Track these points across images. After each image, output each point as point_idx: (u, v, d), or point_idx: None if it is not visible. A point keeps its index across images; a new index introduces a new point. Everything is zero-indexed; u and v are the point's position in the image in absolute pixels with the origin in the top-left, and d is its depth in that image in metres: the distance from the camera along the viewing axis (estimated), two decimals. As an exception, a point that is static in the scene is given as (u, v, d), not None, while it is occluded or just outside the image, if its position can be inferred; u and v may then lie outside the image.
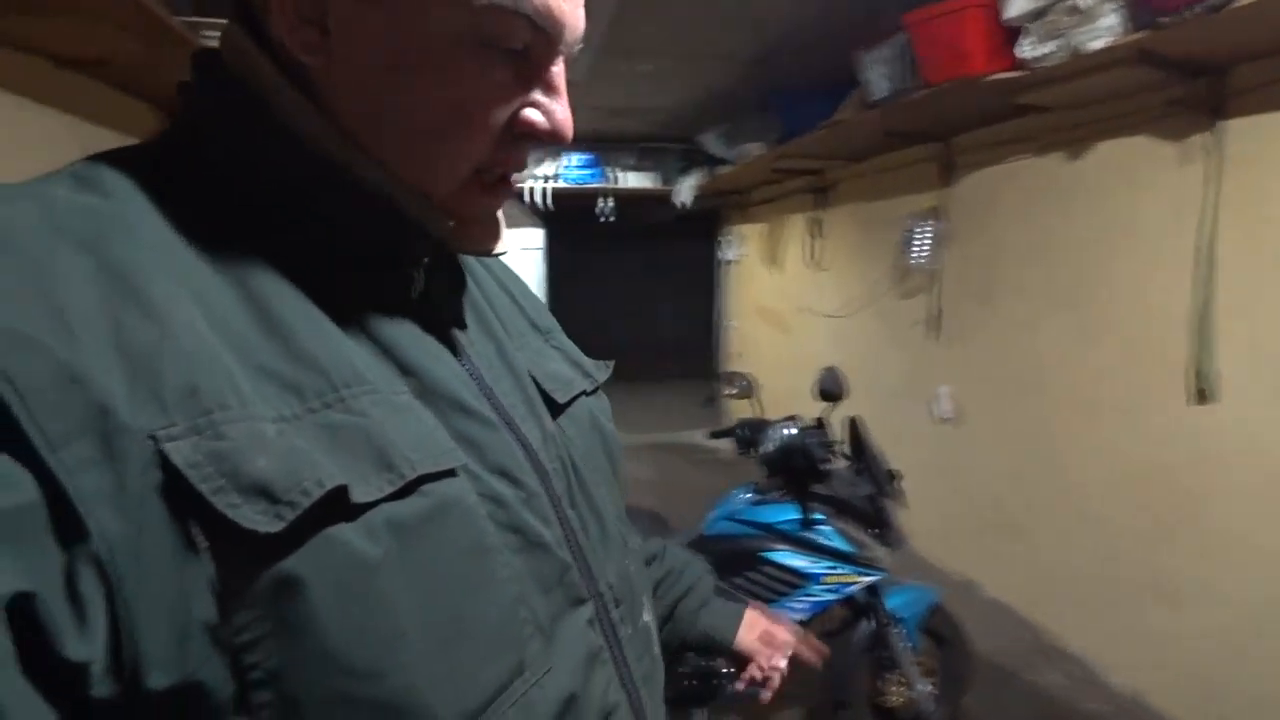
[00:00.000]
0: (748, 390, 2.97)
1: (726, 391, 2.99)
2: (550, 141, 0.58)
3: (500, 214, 0.64)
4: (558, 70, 0.57)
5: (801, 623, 2.29)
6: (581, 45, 0.58)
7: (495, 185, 0.60)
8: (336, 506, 0.44)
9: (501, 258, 0.71)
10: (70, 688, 0.37)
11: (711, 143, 5.25)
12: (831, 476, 2.39)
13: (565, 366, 0.75)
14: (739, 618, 1.04)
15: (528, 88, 0.56)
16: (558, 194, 6.36)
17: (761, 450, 2.51)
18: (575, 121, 0.60)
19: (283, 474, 0.43)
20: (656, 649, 0.73)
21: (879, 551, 2.37)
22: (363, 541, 0.45)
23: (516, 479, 0.58)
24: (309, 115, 0.53)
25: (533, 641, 0.54)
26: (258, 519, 0.41)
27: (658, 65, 4.14)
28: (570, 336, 0.82)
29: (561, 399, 0.70)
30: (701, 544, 2.52)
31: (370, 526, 0.45)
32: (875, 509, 2.36)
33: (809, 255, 5.19)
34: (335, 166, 0.53)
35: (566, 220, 7.43)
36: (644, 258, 13.26)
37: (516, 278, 0.82)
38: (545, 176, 6.32)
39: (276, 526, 0.41)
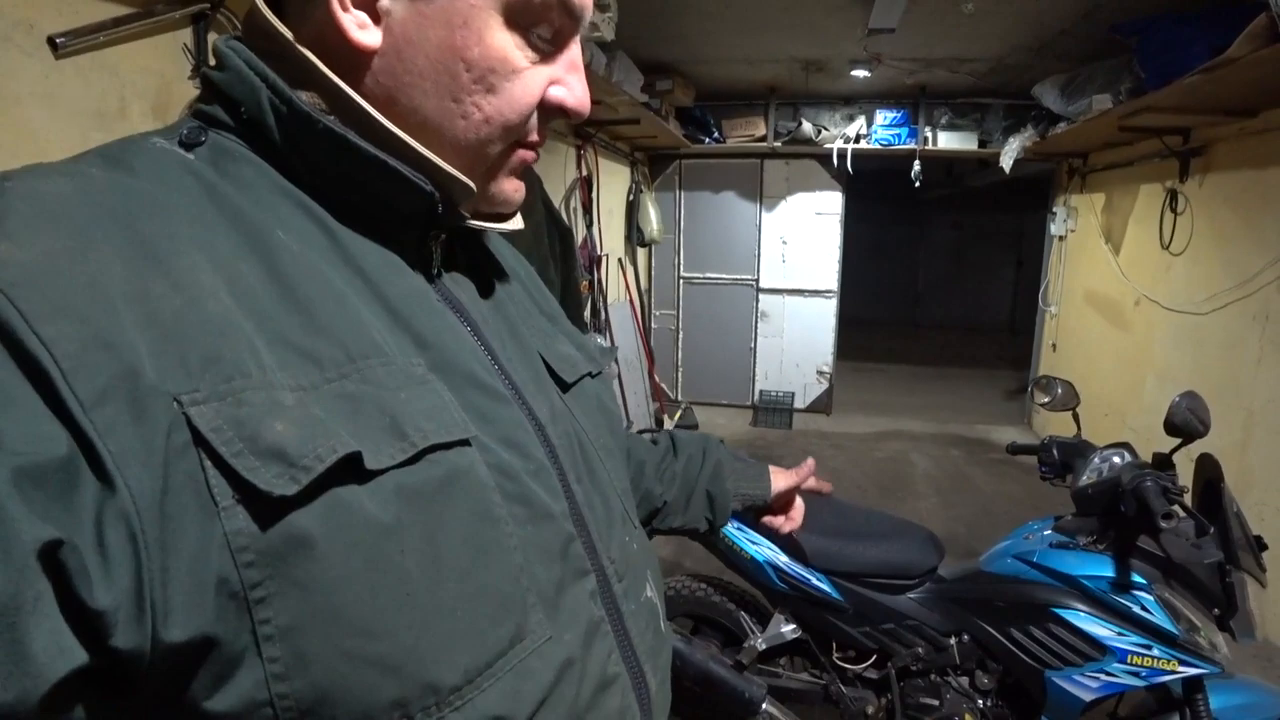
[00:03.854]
0: (1066, 401, 2.37)
1: (1040, 400, 2.43)
2: (572, 116, 0.65)
3: (519, 188, 0.68)
4: (577, 48, 0.64)
5: (1089, 703, 1.86)
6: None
7: (519, 157, 0.65)
8: (350, 471, 0.48)
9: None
10: (94, 636, 0.40)
11: (1047, 95, 4.43)
12: (1165, 532, 1.82)
13: (572, 349, 0.79)
14: (767, 476, 1.19)
15: (555, 66, 0.62)
16: (860, 155, 5.85)
17: (1075, 483, 2.02)
18: (888, 76, 0.84)
19: (299, 440, 0.46)
20: (662, 625, 0.76)
21: (1217, 638, 1.82)
22: (374, 506, 0.48)
23: (525, 452, 0.61)
24: (349, 102, 0.56)
25: (534, 610, 0.57)
26: (274, 481, 0.45)
27: (984, 1, 3.50)
28: (865, 310, 0.71)
29: (569, 378, 0.75)
30: (978, 580, 2.11)
31: (381, 492, 0.49)
32: (1223, 584, 1.77)
33: (1162, 235, 4.24)
34: (357, 144, 0.55)
35: (870, 184, 6.93)
36: (956, 228, 12.25)
37: (526, 263, 0.87)
38: (848, 137, 5.84)
39: (292, 489, 0.45)
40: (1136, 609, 1.82)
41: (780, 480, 1.20)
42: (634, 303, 6.11)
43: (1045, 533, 2.11)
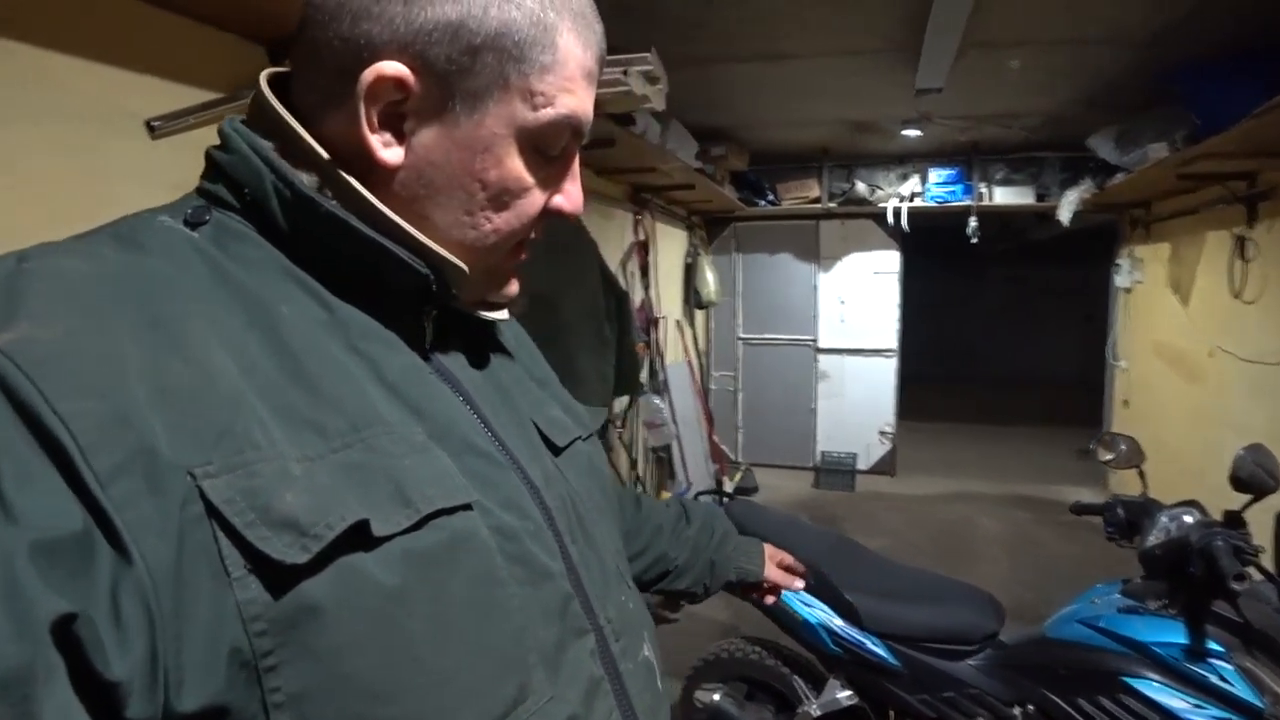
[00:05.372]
0: (1130, 458, 2.28)
1: (1103, 457, 2.33)
2: (570, 219, 0.70)
3: (515, 287, 0.73)
4: (576, 159, 0.68)
5: None
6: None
7: (517, 251, 0.70)
8: (358, 539, 0.49)
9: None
10: (108, 707, 0.40)
11: (1102, 147, 4.37)
12: (1242, 596, 1.72)
13: (561, 413, 0.81)
14: (762, 555, 1.29)
15: (560, 177, 0.67)
16: (915, 213, 5.83)
17: (1142, 543, 1.93)
18: (940, 134, 0.91)
19: (309, 509, 0.48)
20: (659, 684, 0.76)
21: (1304, 712, 1.68)
22: (381, 572, 0.50)
23: (524, 513, 0.63)
24: (348, 188, 0.59)
25: (537, 670, 0.58)
26: (286, 550, 0.46)
27: (1030, 57, 3.50)
28: (926, 369, 0.73)
29: (560, 442, 0.77)
30: (1042, 647, 2.02)
31: (389, 558, 0.50)
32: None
33: (1232, 283, 4.11)
34: (358, 229, 0.58)
35: (927, 241, 6.89)
36: (1018, 283, 12.06)
37: (517, 329, 0.89)
38: (903, 195, 5.84)
39: (303, 558, 0.46)
40: (1214, 679, 1.70)
41: (772, 561, 1.31)
42: (692, 364, 6.12)
43: (1113, 596, 2.01)
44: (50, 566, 0.39)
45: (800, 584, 1.34)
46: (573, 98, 0.62)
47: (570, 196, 0.68)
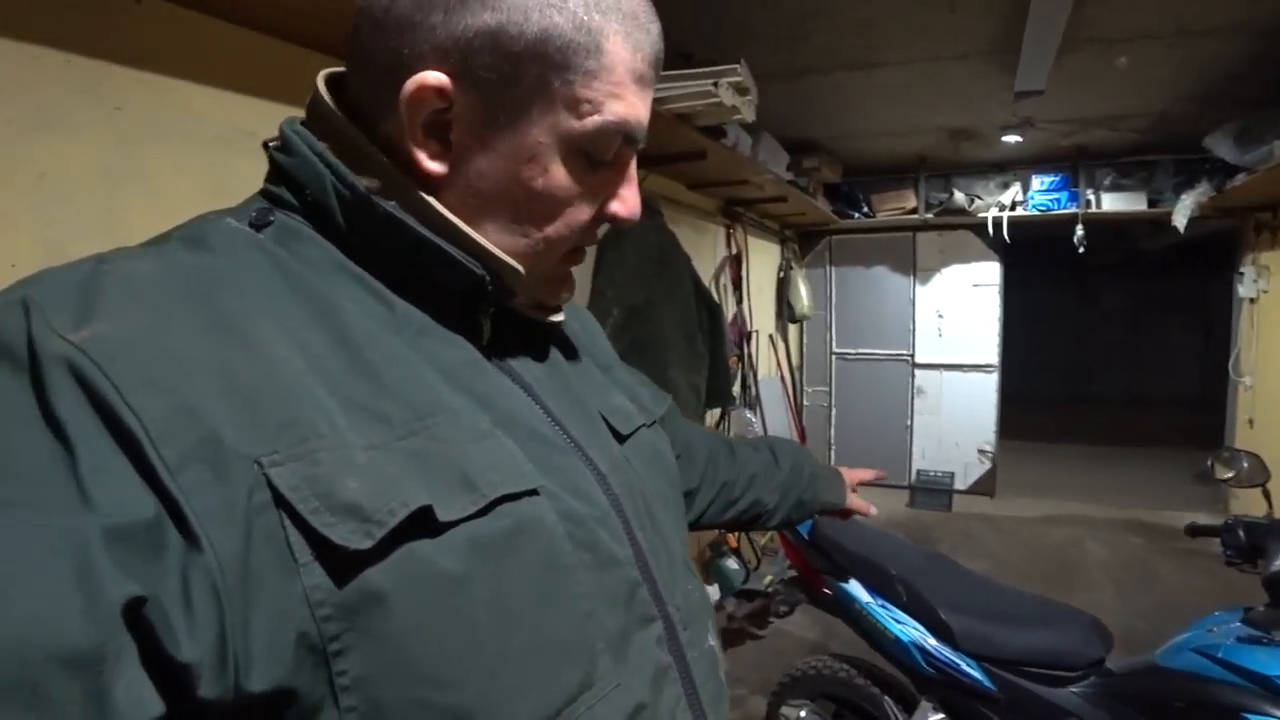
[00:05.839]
0: (1253, 476, 2.10)
1: (1222, 475, 2.16)
2: (624, 225, 0.69)
3: (569, 292, 0.73)
4: (633, 162, 0.67)
5: None
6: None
7: (571, 257, 0.69)
8: (421, 525, 0.50)
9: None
10: (180, 688, 0.42)
11: (1220, 146, 4.12)
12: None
13: (626, 401, 0.81)
14: (843, 485, 1.41)
15: (612, 183, 0.66)
16: (1017, 223, 5.63)
17: (1267, 568, 1.80)
18: (1042, 140, 0.91)
19: (372, 495, 0.48)
20: (721, 674, 0.75)
21: None
22: (445, 558, 0.50)
23: (591, 499, 0.63)
24: (407, 189, 0.60)
25: (603, 657, 0.58)
26: (349, 536, 0.47)
27: (1138, 53, 3.34)
28: (1031, 386, 0.72)
29: (625, 431, 0.76)
30: (1153, 676, 1.88)
31: (453, 544, 0.51)
32: None
33: (1369, 291, 3.81)
34: (416, 230, 0.59)
35: (1030, 252, 6.65)
36: (1130, 295, 11.50)
37: (580, 312, 0.90)
38: (1003, 205, 5.65)
39: (366, 543, 0.47)
40: None
41: (852, 480, 1.47)
42: (785, 379, 6.05)
43: (1233, 625, 1.85)
44: (123, 551, 0.41)
45: (874, 509, 1.48)
46: (621, 103, 0.61)
47: (626, 203, 0.67)
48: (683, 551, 0.77)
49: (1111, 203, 5.44)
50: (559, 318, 0.75)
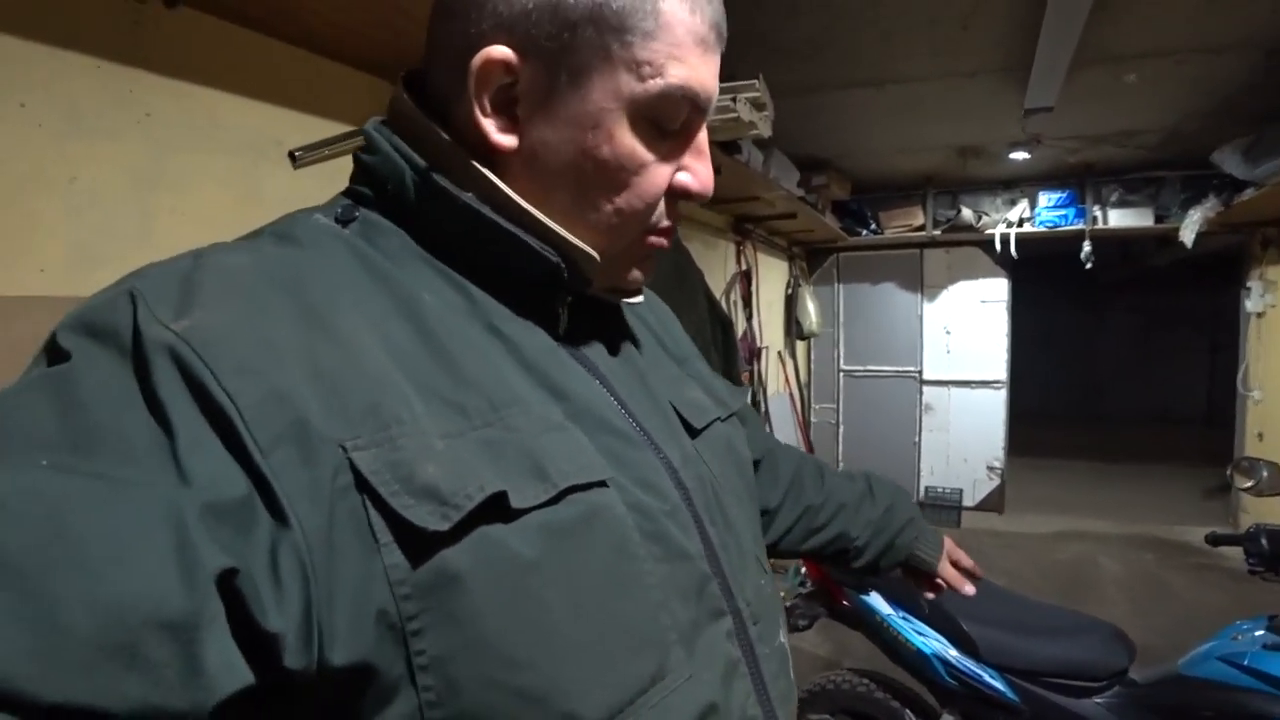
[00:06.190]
0: (1274, 484, 2.09)
1: (1241, 484, 2.15)
2: (697, 199, 0.68)
3: (646, 273, 0.72)
4: (703, 134, 0.67)
5: None
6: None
7: (650, 244, 0.69)
8: (496, 510, 0.51)
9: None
10: (267, 657, 0.43)
11: (1228, 161, 4.15)
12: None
13: (700, 394, 0.81)
14: (941, 547, 1.25)
15: (682, 154, 0.66)
16: (1024, 239, 5.65)
17: None
18: (1049, 157, 0.90)
19: (450, 480, 0.50)
20: (792, 671, 0.75)
21: None
22: (518, 543, 0.51)
23: (661, 493, 0.64)
24: (481, 178, 0.61)
25: (675, 648, 0.58)
26: (428, 518, 0.48)
27: (1147, 70, 3.37)
28: (1041, 403, 0.73)
29: (698, 424, 0.76)
30: (1178, 685, 1.89)
31: (526, 530, 0.52)
32: None
33: (1379, 305, 3.81)
34: (492, 219, 0.61)
35: (1037, 269, 6.66)
36: (1138, 312, 11.50)
37: (658, 304, 0.91)
38: (1010, 221, 5.66)
39: (444, 525, 0.49)
40: None
41: (949, 557, 1.27)
42: (793, 396, 6.05)
43: (1258, 633, 1.85)
44: (218, 525, 0.43)
45: (971, 589, 1.27)
46: (683, 66, 0.60)
47: (698, 175, 0.66)
48: (755, 547, 0.76)
49: (1119, 219, 5.47)
50: (637, 300, 0.75)
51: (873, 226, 6.17)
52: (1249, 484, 2.15)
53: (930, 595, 1.28)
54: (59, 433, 0.43)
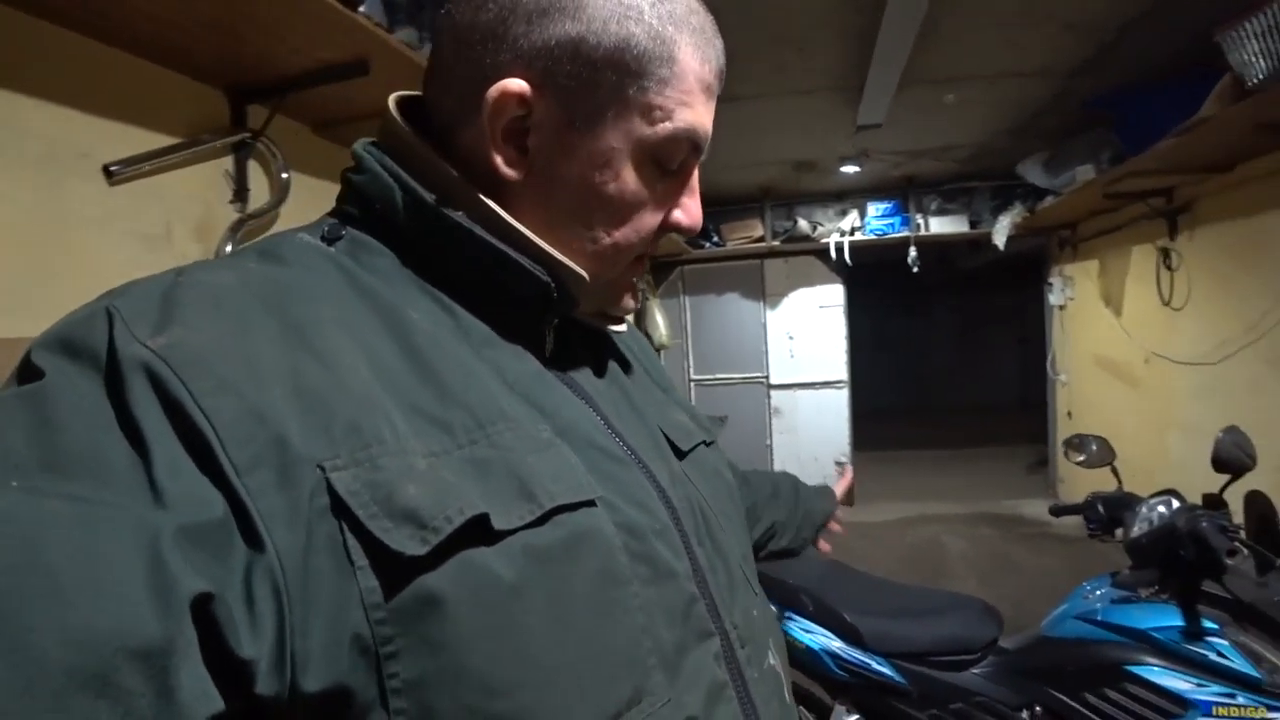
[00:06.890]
0: (1102, 456, 2.32)
1: (1074, 459, 2.37)
2: (687, 234, 0.73)
3: (635, 300, 0.74)
4: (695, 173, 0.70)
5: None
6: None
7: (636, 265, 0.71)
8: (478, 533, 0.50)
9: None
10: (238, 683, 0.42)
11: (1031, 172, 4.62)
12: (1229, 572, 1.79)
13: (685, 418, 0.82)
14: (832, 494, 1.43)
15: (680, 192, 0.69)
16: (856, 247, 6.01)
17: (1127, 535, 1.99)
18: (877, 170, 0.91)
19: (430, 502, 0.49)
20: (788, 695, 0.74)
21: (1301, 680, 1.73)
22: (500, 566, 0.50)
23: (650, 511, 0.63)
24: (480, 204, 0.62)
25: (655, 672, 0.57)
26: (406, 542, 0.47)
27: (964, 91, 3.70)
28: (882, 401, 0.77)
29: (684, 446, 0.77)
30: (1043, 647, 2.06)
31: (509, 552, 0.51)
32: (1296, 620, 1.71)
33: (1160, 292, 4.33)
34: (482, 238, 0.61)
35: (871, 274, 7.05)
36: (958, 311, 12.43)
37: (638, 335, 0.93)
38: (843, 230, 6.01)
39: (422, 549, 0.47)
40: (1213, 656, 1.74)
41: (837, 491, 1.46)
42: (649, 409, 6.11)
43: (1105, 590, 2.05)
44: (193, 549, 0.42)
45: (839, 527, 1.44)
46: (691, 112, 0.63)
47: (689, 211, 0.69)
48: (743, 569, 0.75)
49: (939, 225, 5.92)
50: (621, 328, 0.76)
51: (715, 239, 6.35)
52: (1081, 458, 2.36)
53: (835, 527, 1.43)
54: (30, 453, 0.42)
